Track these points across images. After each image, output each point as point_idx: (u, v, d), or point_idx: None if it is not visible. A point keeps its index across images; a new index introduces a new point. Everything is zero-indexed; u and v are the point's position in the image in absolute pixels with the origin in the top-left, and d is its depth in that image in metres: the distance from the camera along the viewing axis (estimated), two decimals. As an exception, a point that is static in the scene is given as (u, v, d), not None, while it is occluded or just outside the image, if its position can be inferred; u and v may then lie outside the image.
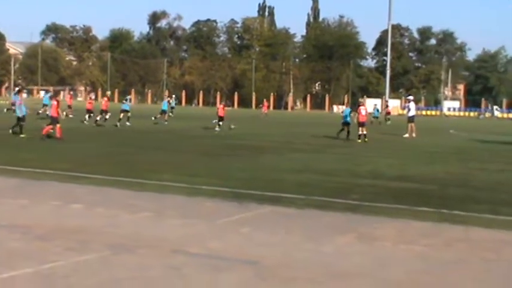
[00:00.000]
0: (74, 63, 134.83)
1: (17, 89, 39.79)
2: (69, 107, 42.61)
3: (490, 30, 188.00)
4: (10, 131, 24.19)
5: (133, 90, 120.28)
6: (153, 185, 12.08)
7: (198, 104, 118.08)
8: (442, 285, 6.31)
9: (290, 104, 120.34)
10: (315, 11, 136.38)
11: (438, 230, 8.84)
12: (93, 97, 43.75)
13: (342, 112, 29.74)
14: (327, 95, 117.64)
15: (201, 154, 19.47)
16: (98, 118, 33.73)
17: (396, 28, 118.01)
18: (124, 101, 35.63)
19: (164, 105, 40.92)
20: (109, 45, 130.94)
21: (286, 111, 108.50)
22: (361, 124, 28.31)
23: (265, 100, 72.87)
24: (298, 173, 15.12)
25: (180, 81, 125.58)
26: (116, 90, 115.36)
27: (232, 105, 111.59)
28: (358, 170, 16.32)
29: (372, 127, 40.29)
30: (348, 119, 29.28)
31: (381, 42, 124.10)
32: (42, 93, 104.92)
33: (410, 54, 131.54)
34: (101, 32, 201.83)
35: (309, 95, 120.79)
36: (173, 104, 53.70)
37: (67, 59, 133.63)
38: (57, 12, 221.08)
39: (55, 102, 24.71)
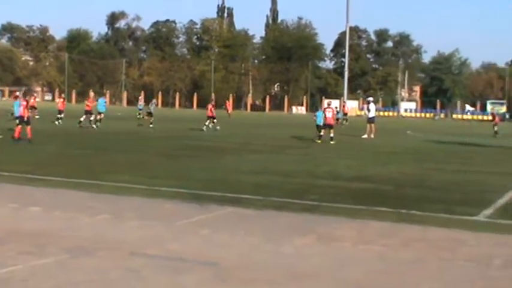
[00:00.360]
0: (31, 63, 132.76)
1: None
2: (34, 108, 42.09)
3: (445, 32, 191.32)
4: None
5: (91, 90, 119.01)
6: (111, 187, 11.98)
7: (157, 105, 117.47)
8: (400, 284, 6.39)
9: (250, 103, 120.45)
10: (274, 12, 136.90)
11: (396, 230, 8.96)
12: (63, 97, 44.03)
13: (315, 116, 29.61)
14: (286, 96, 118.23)
15: (160, 155, 19.38)
16: (92, 118, 34.02)
17: (354, 30, 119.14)
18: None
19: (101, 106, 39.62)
20: (66, 46, 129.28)
21: (246, 111, 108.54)
22: (327, 126, 28.27)
23: (226, 101, 73.19)
24: (257, 174, 15.15)
25: (138, 82, 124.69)
26: (74, 91, 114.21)
27: (192, 106, 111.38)
28: (317, 171, 16.43)
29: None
30: (319, 121, 28.75)
31: (339, 44, 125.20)
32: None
33: (368, 56, 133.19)
34: (59, 32, 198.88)
35: (268, 96, 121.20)
36: (141, 107, 51.51)
37: (23, 59, 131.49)
38: (12, 11, 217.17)
39: (24, 103, 24.21)
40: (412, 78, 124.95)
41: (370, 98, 39.15)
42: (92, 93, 39.13)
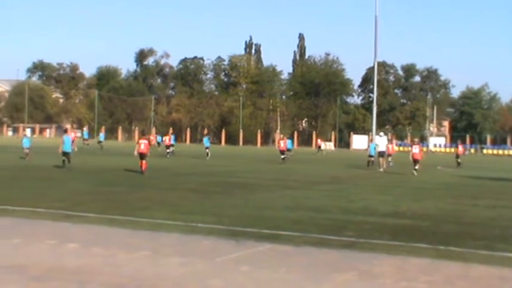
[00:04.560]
0: (61, 100, 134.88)
1: None
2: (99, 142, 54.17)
3: (473, 67, 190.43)
4: None
5: (120, 127, 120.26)
6: (147, 223, 12.01)
7: (186, 141, 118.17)
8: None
9: (277, 140, 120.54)
10: (301, 48, 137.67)
11: (437, 266, 8.84)
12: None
13: (368, 146, 41.38)
14: (314, 131, 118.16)
15: (192, 191, 19.39)
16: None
17: (381, 65, 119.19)
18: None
19: (206, 142, 45.38)
20: (96, 83, 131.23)
21: (274, 147, 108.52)
22: (415, 161, 31.94)
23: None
24: (291, 210, 15.10)
25: (167, 119, 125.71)
26: (103, 128, 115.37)
27: (220, 142, 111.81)
28: (351, 206, 16.34)
29: (361, 163, 40.50)
30: (373, 152, 38.08)
31: (366, 79, 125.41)
32: (28, 131, 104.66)
33: (396, 91, 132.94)
34: (88, 70, 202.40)
35: (296, 132, 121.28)
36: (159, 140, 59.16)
37: (54, 96, 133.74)
38: (44, 49, 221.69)
39: (146, 141, 27.49)
40: (441, 113, 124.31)
41: (381, 133, 42.44)
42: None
